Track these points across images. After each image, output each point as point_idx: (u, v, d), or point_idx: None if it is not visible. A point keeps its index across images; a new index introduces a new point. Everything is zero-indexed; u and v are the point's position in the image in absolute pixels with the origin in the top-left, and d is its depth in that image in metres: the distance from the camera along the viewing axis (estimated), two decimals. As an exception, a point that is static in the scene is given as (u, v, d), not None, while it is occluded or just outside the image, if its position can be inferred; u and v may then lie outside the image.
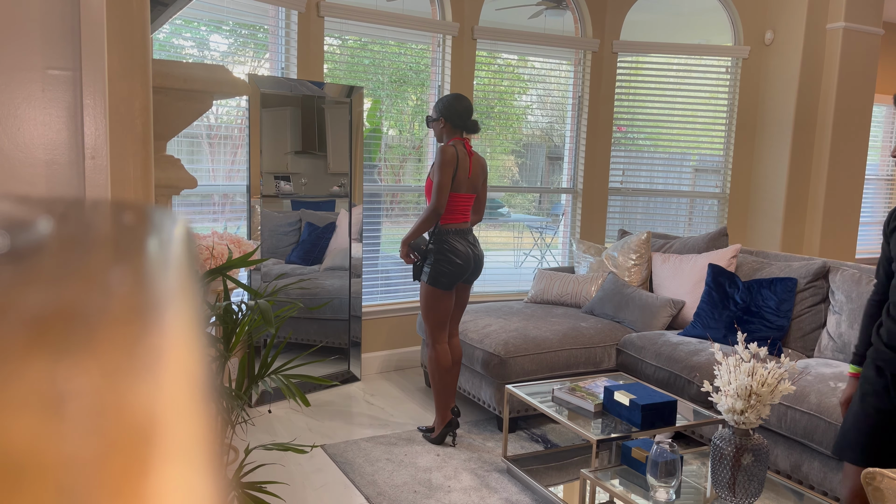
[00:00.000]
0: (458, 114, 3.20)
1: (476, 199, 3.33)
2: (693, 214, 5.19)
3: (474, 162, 3.24)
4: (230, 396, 2.00)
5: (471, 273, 3.25)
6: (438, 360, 3.24)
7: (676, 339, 3.44)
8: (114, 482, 0.13)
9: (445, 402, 3.26)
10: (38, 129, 1.15)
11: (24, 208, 0.31)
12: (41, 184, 1.16)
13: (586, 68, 4.87)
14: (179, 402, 0.16)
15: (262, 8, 3.78)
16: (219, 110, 3.76)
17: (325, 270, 3.99)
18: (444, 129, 3.22)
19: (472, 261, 3.21)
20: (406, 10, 4.25)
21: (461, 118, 3.20)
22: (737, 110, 4.94)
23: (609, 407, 2.75)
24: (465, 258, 3.17)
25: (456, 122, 3.20)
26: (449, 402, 3.27)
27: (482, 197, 3.36)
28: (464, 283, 3.30)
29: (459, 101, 3.23)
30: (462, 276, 3.20)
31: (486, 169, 3.35)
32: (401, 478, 2.92)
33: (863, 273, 3.26)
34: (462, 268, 3.18)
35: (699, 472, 2.51)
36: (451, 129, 3.21)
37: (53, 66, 1.15)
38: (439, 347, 3.25)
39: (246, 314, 2.02)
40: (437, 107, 3.24)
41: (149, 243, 0.29)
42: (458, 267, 3.16)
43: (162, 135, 1.63)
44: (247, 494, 1.91)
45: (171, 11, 1.97)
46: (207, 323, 2.02)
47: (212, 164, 3.76)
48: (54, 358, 0.16)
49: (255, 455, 2.85)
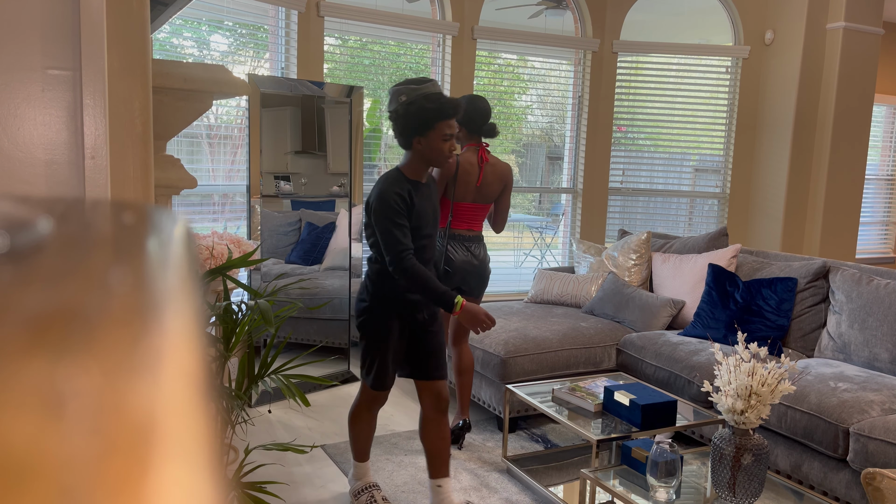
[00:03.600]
0: (473, 118, 3.04)
1: (496, 210, 3.19)
2: (693, 214, 5.19)
3: (488, 170, 3.07)
4: (230, 396, 2.00)
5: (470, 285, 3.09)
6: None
7: (676, 339, 3.44)
8: (114, 482, 0.13)
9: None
10: (38, 129, 1.15)
11: (24, 208, 0.31)
12: (41, 184, 1.16)
13: (586, 68, 4.87)
14: (179, 402, 0.16)
15: (262, 8, 3.78)
16: (219, 110, 3.77)
17: (324, 270, 3.99)
18: (459, 133, 3.06)
19: (468, 271, 3.05)
20: (406, 10, 4.25)
21: (475, 122, 3.05)
22: (737, 110, 4.94)
23: (609, 407, 2.75)
24: (459, 268, 3.03)
25: (470, 125, 3.06)
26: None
27: (501, 207, 3.20)
28: (468, 296, 3.12)
29: (474, 102, 3.06)
30: (452, 285, 3.05)
31: (509, 177, 3.14)
32: (401, 478, 2.92)
33: (863, 273, 3.26)
34: (453, 277, 3.03)
35: (699, 472, 2.51)
36: (467, 133, 3.08)
37: (53, 66, 1.15)
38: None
39: (246, 314, 2.02)
40: None
41: (149, 243, 0.29)
42: (447, 275, 3.02)
43: (162, 135, 1.63)
44: (247, 494, 1.91)
45: (171, 11, 1.97)
46: (207, 323, 2.02)
47: (212, 164, 3.76)
48: (54, 358, 0.16)
49: (255, 455, 2.85)
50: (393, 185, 2.33)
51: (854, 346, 3.14)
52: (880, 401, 2.65)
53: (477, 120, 3.06)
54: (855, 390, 2.71)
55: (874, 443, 2.45)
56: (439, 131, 2.33)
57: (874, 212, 6.65)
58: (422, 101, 2.29)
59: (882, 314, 3.05)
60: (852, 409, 2.60)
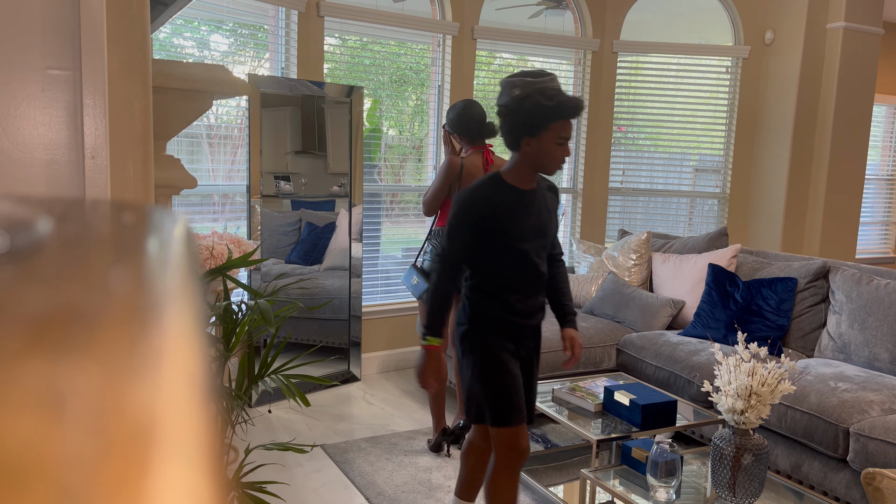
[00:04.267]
0: (469, 125, 3.05)
1: None
2: (693, 214, 5.19)
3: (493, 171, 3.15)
4: (230, 396, 2.00)
5: None
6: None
7: (676, 339, 3.44)
8: (114, 482, 0.13)
9: (437, 410, 3.22)
10: (38, 129, 1.15)
11: (24, 208, 0.31)
12: (41, 184, 1.16)
13: (586, 68, 4.87)
14: (179, 402, 0.16)
15: (262, 8, 3.78)
16: (219, 110, 3.77)
17: (324, 270, 3.99)
18: (461, 142, 3.11)
19: None
20: (406, 10, 4.25)
21: (471, 130, 3.06)
22: (737, 110, 4.94)
23: (609, 407, 2.75)
24: None
25: (468, 133, 3.07)
26: (442, 410, 3.22)
27: None
28: None
29: (468, 109, 3.07)
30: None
31: None
32: (401, 478, 2.92)
33: (863, 273, 3.26)
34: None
35: (699, 472, 2.51)
36: (468, 141, 3.10)
37: (53, 66, 1.15)
38: None
39: (246, 314, 2.02)
40: (448, 118, 3.11)
41: (149, 243, 0.29)
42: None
43: (162, 135, 1.63)
44: (247, 494, 1.91)
45: (171, 11, 1.97)
46: (207, 323, 2.02)
47: (212, 164, 3.76)
48: (54, 358, 0.16)
49: (255, 455, 2.85)
50: (481, 188, 2.07)
51: (854, 346, 3.14)
52: (880, 401, 2.65)
53: (473, 127, 3.08)
54: (855, 390, 2.71)
55: (874, 443, 2.45)
56: (554, 133, 2.01)
57: (874, 212, 6.64)
58: (537, 97, 1.97)
59: (882, 314, 3.05)
60: (852, 409, 2.60)
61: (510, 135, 2.06)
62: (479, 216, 2.04)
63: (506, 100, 2.04)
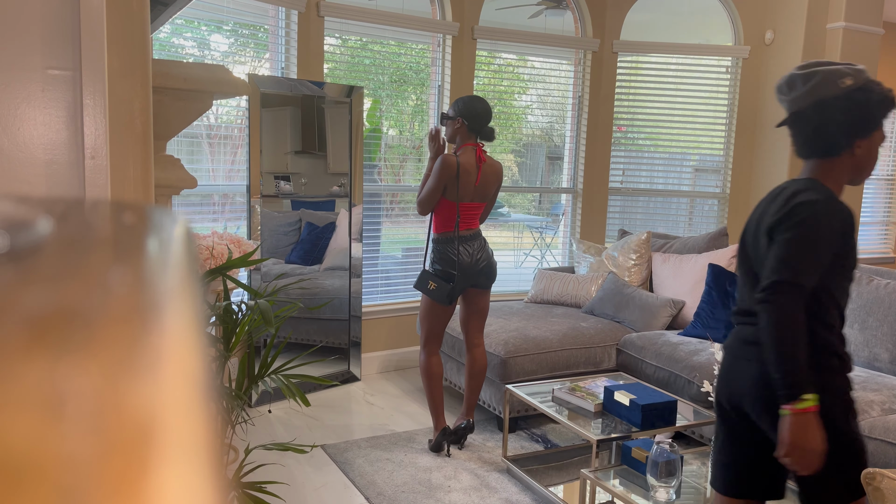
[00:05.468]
0: (476, 115, 3.05)
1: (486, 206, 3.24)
2: (693, 214, 5.19)
3: (486, 169, 3.10)
4: (230, 396, 2.00)
5: (479, 279, 3.12)
6: (424, 369, 3.18)
7: (676, 339, 3.44)
8: (114, 482, 0.13)
9: (435, 410, 3.22)
10: (38, 129, 1.15)
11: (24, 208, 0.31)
12: (41, 184, 1.16)
13: (586, 68, 4.87)
14: (179, 402, 0.16)
15: (262, 8, 3.78)
16: (219, 110, 3.77)
17: (324, 270, 3.99)
18: (459, 130, 3.08)
19: (474, 268, 3.08)
20: (406, 9, 4.25)
21: (477, 121, 3.06)
22: (737, 110, 4.94)
23: (609, 407, 2.75)
24: (465, 268, 3.06)
25: (472, 123, 3.06)
26: (440, 410, 3.21)
27: (490, 203, 3.26)
28: (476, 288, 3.16)
29: (479, 102, 3.08)
30: (461, 289, 3.08)
31: (501, 175, 3.19)
32: (401, 478, 2.92)
33: (863, 273, 3.26)
34: (461, 280, 3.05)
35: (699, 472, 2.51)
36: (467, 131, 3.08)
37: (53, 66, 1.15)
38: (428, 357, 3.17)
39: (246, 314, 2.02)
40: (456, 105, 3.09)
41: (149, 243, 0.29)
42: (457, 280, 3.04)
43: (162, 135, 1.63)
44: (247, 494, 1.91)
45: (171, 11, 1.97)
46: (207, 323, 2.02)
47: (212, 164, 3.76)
48: (54, 358, 0.16)
49: (255, 455, 2.85)
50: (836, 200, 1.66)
51: (854, 346, 3.14)
52: (880, 401, 2.65)
53: (478, 120, 3.07)
54: (855, 390, 2.71)
55: (874, 443, 2.45)
56: (881, 131, 1.69)
57: (874, 212, 6.64)
58: (875, 87, 1.65)
59: (882, 314, 3.05)
60: (852, 409, 2.60)
61: (840, 135, 1.67)
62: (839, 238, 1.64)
63: (833, 91, 1.65)
